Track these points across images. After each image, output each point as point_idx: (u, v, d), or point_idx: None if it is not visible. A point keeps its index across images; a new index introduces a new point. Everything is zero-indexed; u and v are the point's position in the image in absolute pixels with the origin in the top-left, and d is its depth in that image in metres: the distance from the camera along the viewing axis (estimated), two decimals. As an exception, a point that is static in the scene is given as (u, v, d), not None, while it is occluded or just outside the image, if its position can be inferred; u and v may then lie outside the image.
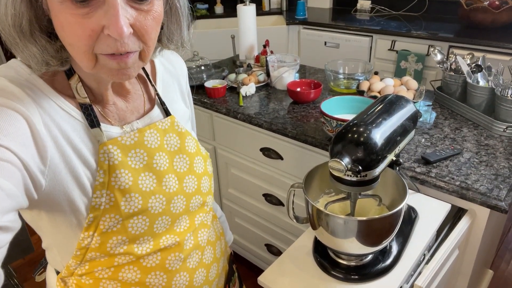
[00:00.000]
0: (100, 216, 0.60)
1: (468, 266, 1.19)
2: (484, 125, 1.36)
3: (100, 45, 0.51)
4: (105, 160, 0.60)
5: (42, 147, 0.53)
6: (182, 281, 0.72)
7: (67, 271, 0.67)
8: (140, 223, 0.64)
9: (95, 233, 0.61)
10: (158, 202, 0.65)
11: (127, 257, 0.65)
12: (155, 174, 0.66)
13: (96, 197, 0.59)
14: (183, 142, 0.71)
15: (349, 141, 0.75)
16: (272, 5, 3.61)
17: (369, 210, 0.94)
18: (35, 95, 0.55)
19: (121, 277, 0.66)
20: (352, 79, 1.71)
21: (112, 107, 0.65)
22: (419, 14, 3.04)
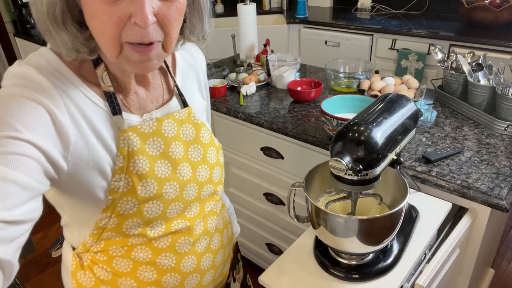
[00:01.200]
0: (118, 198, 0.64)
1: (469, 265, 1.19)
2: (485, 123, 1.35)
3: (127, 33, 0.53)
4: (125, 146, 0.63)
5: (64, 135, 0.57)
6: (190, 263, 0.76)
7: (83, 248, 0.71)
8: (155, 207, 0.67)
9: (112, 215, 0.65)
10: (172, 188, 0.69)
11: (141, 238, 0.68)
12: (171, 162, 0.69)
13: (115, 181, 0.63)
14: (198, 133, 0.75)
15: (350, 140, 0.75)
16: (273, 4, 3.61)
17: (370, 209, 0.94)
18: (62, 84, 0.58)
19: (133, 256, 0.70)
20: (353, 78, 1.71)
21: (134, 96, 0.68)
22: (419, 12, 3.03)
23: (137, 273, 0.72)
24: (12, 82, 0.56)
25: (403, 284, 0.87)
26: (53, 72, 0.58)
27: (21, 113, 0.52)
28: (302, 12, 3.15)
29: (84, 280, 0.75)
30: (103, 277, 0.73)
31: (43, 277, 2.04)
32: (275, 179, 1.60)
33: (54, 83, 0.57)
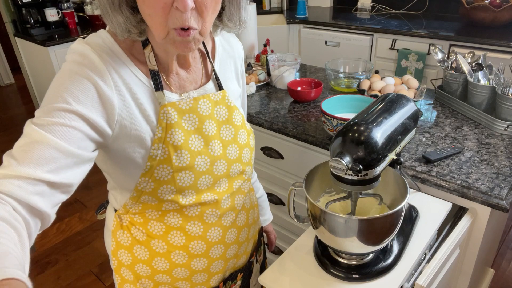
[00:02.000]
0: (155, 165, 0.72)
1: (469, 265, 1.19)
2: (485, 123, 1.35)
3: (171, 19, 0.62)
4: (164, 119, 0.72)
5: (110, 106, 0.66)
6: (216, 234, 0.84)
7: (124, 209, 0.80)
8: (187, 177, 0.75)
9: (150, 179, 0.73)
10: (203, 161, 0.76)
11: (173, 204, 0.77)
12: (203, 138, 0.77)
13: (154, 149, 0.71)
14: (231, 115, 0.82)
15: (350, 140, 0.75)
16: (273, 4, 3.61)
17: (370, 209, 0.94)
18: (112, 62, 0.68)
19: (166, 221, 0.79)
20: (353, 78, 1.71)
21: (175, 76, 0.76)
22: (419, 12, 3.03)
23: (168, 237, 0.81)
24: (71, 58, 0.66)
25: (403, 284, 0.87)
26: (106, 51, 0.68)
27: (73, 87, 0.63)
28: (302, 12, 3.15)
29: (122, 238, 0.84)
30: (139, 237, 0.82)
31: (43, 277, 2.05)
32: (275, 179, 1.60)
33: (105, 60, 0.66)
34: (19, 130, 3.68)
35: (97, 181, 2.78)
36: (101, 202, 2.56)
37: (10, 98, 4.50)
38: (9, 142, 3.47)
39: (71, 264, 2.11)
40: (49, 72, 2.94)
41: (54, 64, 2.86)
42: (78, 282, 2.00)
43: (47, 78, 3.03)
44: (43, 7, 3.05)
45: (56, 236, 2.33)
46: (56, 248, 2.23)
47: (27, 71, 3.30)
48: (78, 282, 2.00)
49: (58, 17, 3.10)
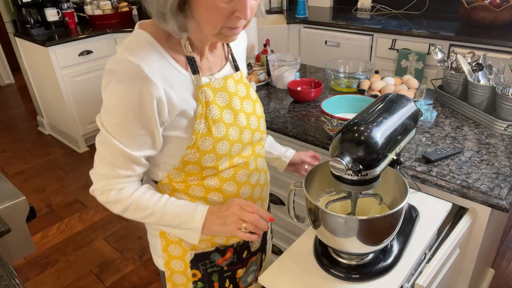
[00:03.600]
0: (199, 138, 0.83)
1: (469, 265, 1.19)
2: (485, 123, 1.35)
3: (229, 21, 0.74)
4: (203, 97, 0.83)
5: (161, 107, 0.78)
6: (246, 191, 0.96)
7: (168, 179, 0.90)
8: (224, 146, 0.87)
9: (195, 151, 0.84)
10: (234, 132, 0.88)
11: (212, 170, 0.88)
12: (233, 112, 0.89)
13: (197, 124, 0.83)
14: (248, 91, 0.94)
15: (350, 140, 0.75)
16: (273, 4, 3.61)
17: (370, 209, 0.94)
18: (158, 65, 0.77)
19: (206, 184, 0.90)
20: (353, 78, 1.71)
21: (205, 60, 0.87)
22: (419, 12, 3.03)
23: (208, 198, 0.91)
24: (122, 75, 0.74)
25: (403, 284, 0.87)
26: (151, 53, 0.77)
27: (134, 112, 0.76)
28: (302, 12, 3.15)
29: None
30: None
31: (43, 277, 2.05)
32: (275, 179, 1.60)
33: (151, 67, 0.75)
34: (19, 130, 3.68)
35: (97, 181, 2.78)
36: (101, 202, 2.56)
37: (10, 98, 4.50)
38: (9, 142, 3.47)
39: (71, 264, 2.11)
40: (49, 72, 2.94)
41: (54, 64, 2.85)
42: (78, 282, 2.00)
43: (47, 78, 3.03)
44: (43, 7, 3.05)
45: (56, 236, 2.33)
46: (56, 248, 2.23)
47: (27, 71, 3.30)
48: (78, 282, 2.00)
49: (58, 17, 3.10)
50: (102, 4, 3.38)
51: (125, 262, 2.10)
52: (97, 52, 3.05)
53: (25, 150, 3.32)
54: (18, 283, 0.90)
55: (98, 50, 3.05)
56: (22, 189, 2.78)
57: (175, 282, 0.98)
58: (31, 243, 1.30)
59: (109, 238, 2.28)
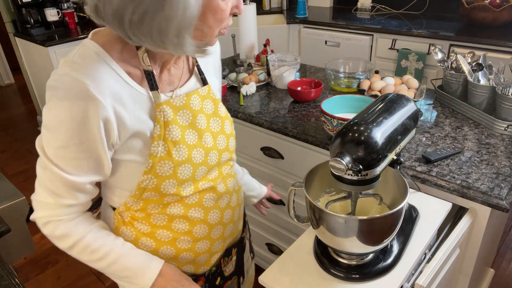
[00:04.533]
0: (157, 162, 0.75)
1: (469, 265, 1.19)
2: (485, 123, 1.35)
3: (225, 23, 0.71)
4: (161, 117, 0.75)
5: (110, 127, 0.69)
6: (215, 216, 0.89)
7: (125, 207, 0.82)
8: (186, 170, 0.79)
9: (153, 176, 0.76)
10: (199, 154, 0.81)
11: (174, 197, 0.81)
12: (197, 131, 0.81)
13: (154, 147, 0.75)
14: (216, 107, 0.87)
15: (350, 140, 0.75)
16: (273, 4, 3.61)
17: (370, 209, 0.94)
18: (109, 78, 0.68)
19: (168, 212, 0.83)
20: (353, 78, 1.71)
21: (166, 73, 0.79)
22: (419, 12, 3.03)
23: (172, 226, 0.84)
24: (63, 92, 0.67)
25: (403, 284, 0.87)
26: (100, 67, 0.68)
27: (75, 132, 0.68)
28: (302, 12, 3.15)
29: (126, 233, 0.86)
30: (143, 230, 0.85)
31: (43, 277, 2.05)
32: (275, 179, 1.60)
33: (101, 88, 0.67)
34: (19, 130, 3.68)
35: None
36: (101, 202, 2.56)
37: (10, 98, 4.50)
38: (9, 142, 3.47)
39: (71, 264, 2.11)
40: (49, 72, 2.93)
41: (54, 64, 2.85)
42: (78, 282, 2.00)
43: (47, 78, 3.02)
44: (43, 7, 3.05)
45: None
46: (56, 248, 2.22)
47: (27, 71, 3.30)
48: (78, 282, 2.00)
49: (58, 17, 3.10)
50: (102, 4, 3.38)
51: (125, 262, 2.10)
52: (97, 52, 3.05)
53: (25, 150, 3.32)
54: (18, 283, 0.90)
55: (98, 50, 3.05)
56: (22, 189, 2.77)
57: None
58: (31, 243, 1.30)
59: (109, 238, 2.28)
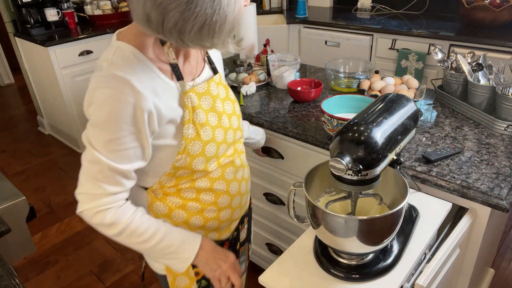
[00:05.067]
0: (189, 142, 0.86)
1: (469, 265, 1.19)
2: (485, 123, 1.36)
3: None
4: (189, 103, 0.85)
5: (151, 117, 0.79)
6: (235, 188, 1.01)
7: (158, 185, 0.92)
8: (212, 148, 0.90)
9: (185, 156, 0.87)
10: (220, 133, 0.92)
11: (202, 172, 0.92)
12: (217, 114, 0.92)
13: (186, 129, 0.85)
14: (228, 92, 0.98)
15: (350, 140, 0.75)
16: (273, 4, 3.61)
17: (370, 209, 0.94)
18: (145, 77, 0.77)
19: (197, 186, 0.93)
20: (353, 78, 1.71)
21: (188, 64, 0.89)
22: (419, 12, 3.03)
23: (200, 198, 0.95)
24: (110, 89, 0.74)
25: (403, 284, 0.87)
26: (139, 66, 0.77)
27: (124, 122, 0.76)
28: (302, 12, 3.15)
29: (160, 208, 0.95)
30: (175, 204, 0.94)
31: (43, 277, 2.05)
32: (275, 179, 1.60)
33: (142, 84, 0.76)
34: (19, 130, 3.68)
35: (97, 181, 2.78)
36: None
37: (10, 98, 4.50)
38: (9, 142, 3.47)
39: (71, 264, 2.11)
40: (49, 72, 2.94)
41: (54, 64, 2.85)
42: (78, 282, 2.00)
43: (47, 78, 3.03)
44: (43, 7, 3.05)
45: (56, 236, 2.33)
46: (56, 248, 2.23)
47: (27, 71, 3.30)
48: (78, 282, 2.00)
49: (58, 17, 3.10)
50: (102, 4, 3.38)
51: (125, 262, 2.10)
52: (97, 52, 3.05)
53: (25, 150, 3.32)
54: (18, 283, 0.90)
55: (98, 50, 3.05)
56: (22, 189, 2.78)
57: (179, 286, 1.00)
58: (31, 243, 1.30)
59: (109, 238, 2.28)
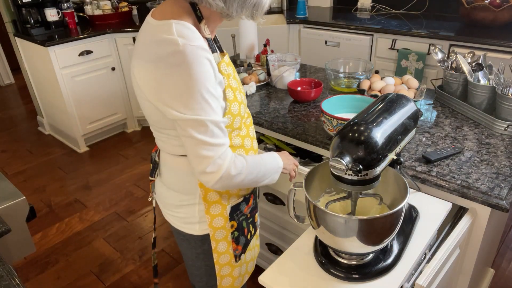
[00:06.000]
0: (230, 103, 0.95)
1: (469, 265, 1.19)
2: (485, 123, 1.35)
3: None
4: (224, 71, 0.94)
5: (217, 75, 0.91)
6: (255, 144, 1.12)
7: None
8: (242, 109, 1.01)
9: (230, 115, 0.95)
10: (242, 97, 1.02)
11: (237, 131, 1.02)
12: (236, 81, 1.01)
13: (227, 93, 0.94)
14: (235, 71, 1.04)
15: (350, 140, 0.75)
16: (273, 4, 3.61)
17: (370, 209, 0.94)
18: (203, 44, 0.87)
19: (233, 143, 1.02)
20: (353, 78, 1.71)
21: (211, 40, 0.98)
22: (419, 12, 3.03)
23: (236, 152, 1.04)
24: (193, 54, 0.84)
25: (403, 284, 0.87)
26: (198, 36, 0.86)
27: (210, 77, 0.87)
28: (302, 12, 3.15)
29: None
30: None
31: (43, 277, 2.05)
32: (275, 179, 1.60)
33: (206, 48, 0.87)
34: (19, 130, 3.68)
35: (97, 181, 2.78)
36: (101, 202, 2.56)
37: (10, 98, 4.50)
38: (9, 142, 3.47)
39: (71, 264, 2.11)
40: (49, 72, 2.94)
41: (54, 64, 2.85)
42: (78, 282, 2.00)
43: (47, 78, 3.03)
44: (43, 7, 3.05)
45: (56, 236, 2.33)
46: (56, 248, 2.23)
47: (27, 71, 3.30)
48: (78, 282, 2.00)
49: (58, 17, 3.10)
50: (102, 4, 3.37)
51: (125, 262, 2.10)
52: (97, 52, 3.05)
53: (25, 150, 3.32)
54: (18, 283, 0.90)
55: (98, 50, 3.05)
56: (22, 189, 2.78)
57: (218, 239, 1.08)
58: (31, 243, 1.30)
59: (109, 238, 2.28)
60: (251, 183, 0.98)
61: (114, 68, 3.17)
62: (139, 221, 2.39)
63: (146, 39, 0.88)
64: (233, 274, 1.15)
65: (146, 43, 0.87)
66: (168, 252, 2.14)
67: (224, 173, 0.90)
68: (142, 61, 0.87)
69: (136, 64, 0.90)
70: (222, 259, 1.11)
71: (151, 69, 0.85)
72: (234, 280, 1.16)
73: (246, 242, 1.15)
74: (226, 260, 1.11)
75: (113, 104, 3.29)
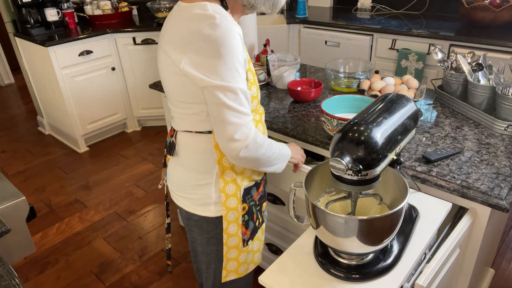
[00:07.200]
0: (251, 85, 1.01)
1: (469, 265, 1.19)
2: (485, 123, 1.36)
3: None
4: (245, 55, 0.98)
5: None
6: (266, 132, 1.16)
7: None
8: (259, 92, 1.07)
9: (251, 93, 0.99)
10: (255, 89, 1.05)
11: (253, 114, 1.05)
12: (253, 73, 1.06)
13: (248, 74, 0.99)
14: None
15: (350, 140, 0.75)
16: (273, 4, 3.60)
17: (370, 209, 0.94)
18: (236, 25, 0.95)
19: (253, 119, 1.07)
20: (353, 78, 1.71)
21: None
22: (419, 12, 3.03)
23: (258, 127, 1.10)
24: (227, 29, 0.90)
25: (403, 284, 0.87)
26: (230, 16, 0.94)
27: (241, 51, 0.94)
28: (302, 12, 3.15)
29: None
30: None
31: (43, 277, 2.05)
32: (275, 179, 1.60)
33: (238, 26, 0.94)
34: (19, 130, 3.68)
35: (97, 181, 2.78)
36: (101, 202, 2.56)
37: (10, 98, 4.50)
38: (9, 142, 3.47)
39: (71, 264, 2.11)
40: (49, 72, 2.94)
41: (54, 64, 2.85)
42: (78, 282, 2.00)
43: (47, 78, 3.03)
44: (43, 7, 3.05)
45: (56, 236, 2.33)
46: (56, 248, 2.23)
47: (27, 71, 3.30)
48: (78, 282, 2.00)
49: (58, 17, 3.10)
50: (102, 4, 3.37)
51: (125, 262, 2.10)
52: (97, 52, 3.05)
53: (25, 150, 3.32)
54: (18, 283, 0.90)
55: (98, 50, 3.05)
56: (22, 189, 2.78)
57: (229, 220, 1.10)
58: (31, 243, 1.30)
59: (109, 238, 2.28)
60: (266, 161, 1.02)
61: (114, 68, 3.17)
62: (139, 221, 2.39)
63: (181, 17, 0.94)
64: (239, 259, 1.18)
65: (181, 20, 0.93)
66: (168, 252, 2.14)
67: (250, 142, 0.93)
68: (176, 34, 0.93)
69: (167, 37, 0.96)
70: (231, 242, 1.13)
71: (187, 39, 0.90)
72: (239, 265, 1.18)
73: (254, 228, 1.18)
74: (235, 242, 1.14)
75: (113, 104, 3.29)
